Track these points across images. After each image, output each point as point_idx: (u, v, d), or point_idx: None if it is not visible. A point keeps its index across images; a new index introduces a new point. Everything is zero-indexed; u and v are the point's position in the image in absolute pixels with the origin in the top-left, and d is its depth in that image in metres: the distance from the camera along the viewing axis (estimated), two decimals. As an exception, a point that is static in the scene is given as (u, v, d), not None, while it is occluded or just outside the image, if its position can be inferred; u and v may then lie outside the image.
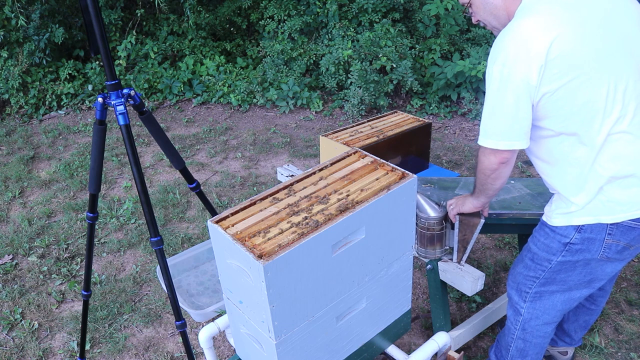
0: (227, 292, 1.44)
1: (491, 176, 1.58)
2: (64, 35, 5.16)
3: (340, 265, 1.35)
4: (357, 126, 2.74)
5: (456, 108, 5.00)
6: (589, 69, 1.40)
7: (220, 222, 1.34)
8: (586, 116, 1.44)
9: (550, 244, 1.64)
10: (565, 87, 1.40)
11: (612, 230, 1.54)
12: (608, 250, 1.57)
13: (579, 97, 1.42)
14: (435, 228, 1.89)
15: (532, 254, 1.72)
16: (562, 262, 1.64)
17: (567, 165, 1.53)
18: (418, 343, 2.36)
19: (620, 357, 2.29)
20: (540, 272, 1.71)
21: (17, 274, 3.04)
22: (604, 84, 1.42)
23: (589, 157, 1.49)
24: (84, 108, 5.44)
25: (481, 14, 1.62)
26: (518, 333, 1.85)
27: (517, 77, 1.40)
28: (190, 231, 3.34)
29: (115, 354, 2.46)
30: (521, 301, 1.80)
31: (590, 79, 1.40)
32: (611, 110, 1.44)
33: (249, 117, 5.16)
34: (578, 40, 1.39)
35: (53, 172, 4.22)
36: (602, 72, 1.41)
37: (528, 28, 1.40)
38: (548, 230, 1.65)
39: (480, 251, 3.02)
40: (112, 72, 1.58)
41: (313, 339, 1.40)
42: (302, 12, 5.50)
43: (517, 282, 1.81)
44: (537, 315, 1.79)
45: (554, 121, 1.47)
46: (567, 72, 1.39)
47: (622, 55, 1.44)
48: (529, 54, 1.37)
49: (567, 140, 1.50)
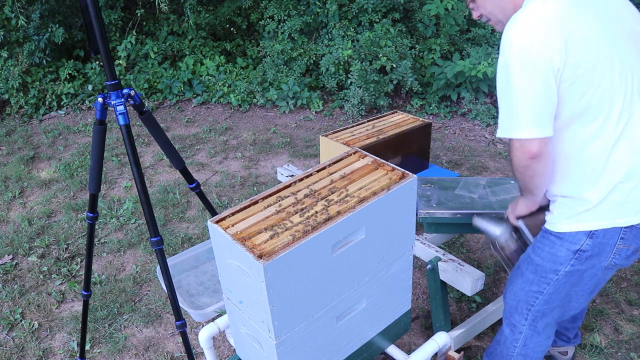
0: (227, 292, 1.44)
1: (526, 174, 1.47)
2: (64, 35, 5.16)
3: (340, 265, 1.35)
4: (357, 126, 2.74)
5: (456, 108, 5.00)
6: (607, 54, 1.37)
7: (220, 222, 1.34)
8: (606, 103, 1.38)
9: (558, 253, 1.53)
10: (586, 73, 1.36)
11: (626, 234, 1.46)
12: (618, 256, 1.49)
13: (599, 83, 1.37)
14: (510, 245, 1.77)
15: (535, 266, 1.60)
16: (570, 272, 1.54)
17: (578, 162, 1.45)
18: (418, 343, 2.36)
19: (620, 357, 2.29)
20: (545, 286, 1.59)
21: (17, 274, 3.04)
22: (622, 71, 1.39)
23: (604, 150, 1.41)
24: (84, 108, 5.44)
25: (487, 7, 1.56)
26: (518, 350, 1.76)
27: (541, 59, 1.33)
28: (190, 231, 3.34)
29: (115, 354, 2.46)
30: (522, 319, 1.70)
31: (610, 65, 1.37)
32: (630, 97, 1.39)
33: (249, 117, 5.16)
34: (593, 27, 1.37)
35: (53, 172, 4.22)
36: (618, 59, 1.38)
37: (544, 13, 1.36)
38: (554, 238, 1.53)
39: (480, 251, 3.02)
40: (112, 72, 1.58)
41: (313, 339, 1.40)
42: (302, 12, 5.50)
43: (517, 299, 1.69)
44: (539, 332, 1.70)
45: (571, 109, 1.40)
46: (587, 58, 1.35)
47: (627, 44, 1.43)
48: (548, 37, 1.33)
49: (582, 133, 1.42)
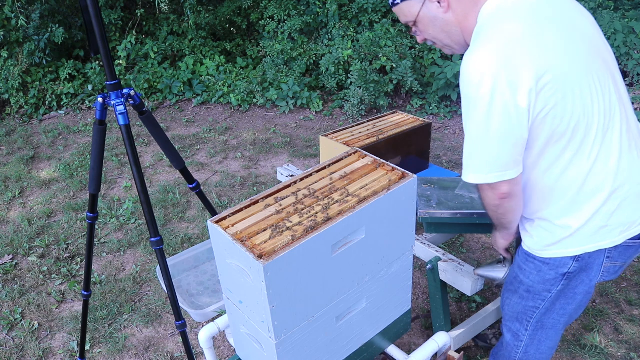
0: (227, 292, 1.44)
1: (499, 212, 1.45)
2: (64, 35, 5.16)
3: (340, 265, 1.35)
4: (357, 126, 2.74)
5: (456, 108, 5.00)
6: (576, 74, 1.29)
7: (220, 222, 1.34)
8: (581, 127, 1.32)
9: (546, 277, 1.52)
10: (559, 100, 1.28)
11: (611, 253, 1.45)
12: (606, 273, 1.50)
13: (573, 109, 1.30)
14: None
15: (527, 287, 1.59)
16: (562, 290, 1.54)
17: (556, 189, 1.40)
18: (418, 343, 2.36)
19: (620, 357, 2.29)
20: (540, 302, 1.59)
21: (17, 274, 3.04)
22: (593, 89, 1.32)
23: (581, 175, 1.36)
24: (84, 108, 5.44)
25: (430, 32, 1.48)
26: (520, 356, 1.76)
27: (509, 92, 1.24)
28: (190, 231, 3.34)
29: (115, 354, 2.46)
30: (522, 329, 1.69)
31: (580, 86, 1.30)
32: (604, 117, 1.34)
33: (249, 117, 5.16)
34: (557, 46, 1.29)
35: (53, 172, 4.22)
36: (588, 76, 1.32)
37: (505, 38, 1.27)
38: (539, 263, 1.51)
39: (481, 251, 3.02)
40: (112, 72, 1.58)
41: (313, 339, 1.40)
42: (302, 12, 5.50)
43: (516, 312, 1.68)
44: (540, 340, 1.70)
45: (545, 137, 1.33)
46: (558, 84, 1.27)
47: (592, 56, 1.36)
48: (517, 67, 1.24)
49: (558, 159, 1.36)
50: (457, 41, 1.46)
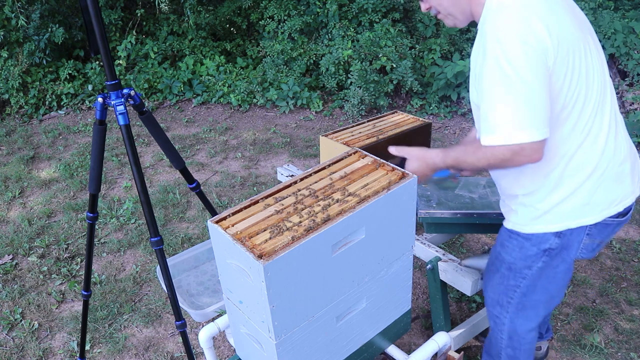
0: (227, 292, 1.44)
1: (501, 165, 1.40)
2: (64, 35, 5.16)
3: (340, 265, 1.35)
4: (357, 126, 2.73)
5: (456, 108, 5.00)
6: (584, 53, 1.37)
7: (220, 222, 1.34)
8: (579, 102, 1.37)
9: (528, 252, 1.56)
10: (570, 72, 1.34)
11: (591, 230, 1.50)
12: (584, 250, 1.54)
13: (579, 81, 1.36)
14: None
15: (508, 264, 1.63)
16: (542, 267, 1.57)
17: (544, 163, 1.40)
18: (418, 343, 2.36)
19: (620, 357, 2.29)
20: (521, 280, 1.62)
21: (17, 274, 3.04)
22: (595, 67, 1.41)
23: (570, 150, 1.41)
24: (84, 108, 5.44)
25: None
26: (505, 342, 1.79)
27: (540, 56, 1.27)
28: (190, 231, 3.34)
29: (115, 354, 2.46)
30: (504, 312, 1.73)
31: (587, 64, 1.37)
32: (603, 94, 1.41)
33: (249, 117, 5.16)
34: (563, 23, 1.34)
35: (53, 172, 4.22)
36: (590, 58, 1.40)
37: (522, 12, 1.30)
38: (522, 239, 1.55)
39: (480, 251, 3.02)
40: (112, 72, 1.58)
41: (313, 339, 1.40)
42: (302, 12, 5.50)
43: (496, 293, 1.72)
44: (521, 324, 1.73)
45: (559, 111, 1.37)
46: (572, 59, 1.33)
47: (594, 45, 1.45)
48: (536, 36, 1.28)
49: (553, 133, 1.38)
50: (463, 10, 1.45)
